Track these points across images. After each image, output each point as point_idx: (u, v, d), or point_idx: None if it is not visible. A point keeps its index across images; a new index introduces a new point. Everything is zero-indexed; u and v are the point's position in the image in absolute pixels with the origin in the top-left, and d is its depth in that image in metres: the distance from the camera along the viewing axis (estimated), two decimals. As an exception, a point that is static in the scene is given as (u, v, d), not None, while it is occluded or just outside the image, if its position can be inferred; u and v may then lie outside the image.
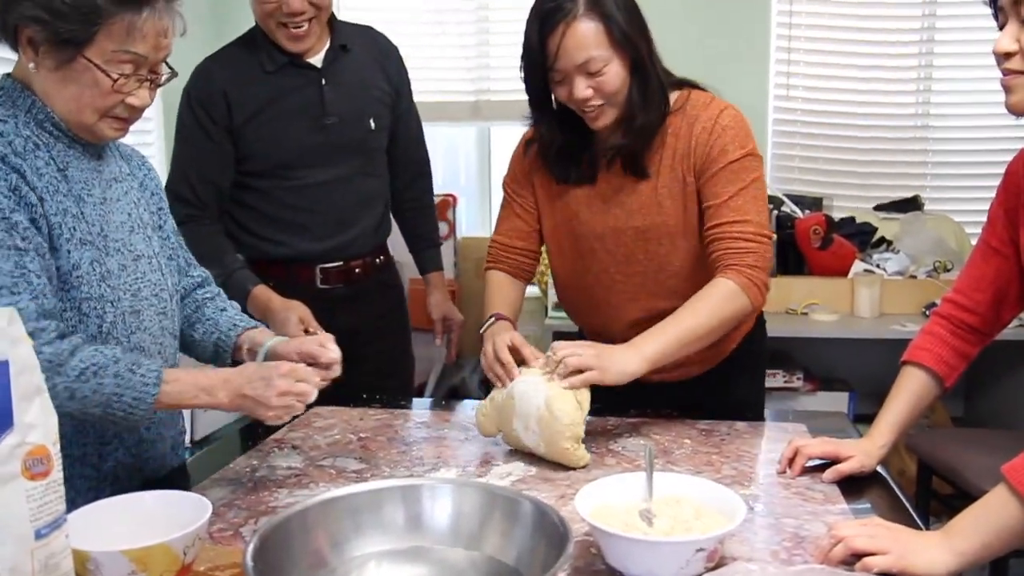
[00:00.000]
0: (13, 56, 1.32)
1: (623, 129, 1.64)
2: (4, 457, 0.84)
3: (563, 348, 1.52)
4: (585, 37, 1.54)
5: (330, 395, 1.51)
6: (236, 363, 1.55)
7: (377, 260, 2.31)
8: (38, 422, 0.87)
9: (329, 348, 1.45)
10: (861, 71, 3.88)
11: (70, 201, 1.32)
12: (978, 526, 1.11)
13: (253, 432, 1.69)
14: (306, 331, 1.89)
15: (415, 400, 2.05)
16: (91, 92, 1.28)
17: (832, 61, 3.91)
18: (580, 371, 1.48)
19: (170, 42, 1.32)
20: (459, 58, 3.94)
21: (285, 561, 1.02)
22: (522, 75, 1.65)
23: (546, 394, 1.47)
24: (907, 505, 1.35)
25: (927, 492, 2.83)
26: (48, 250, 1.28)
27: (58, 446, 0.89)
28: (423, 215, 2.48)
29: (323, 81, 2.14)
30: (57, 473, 0.89)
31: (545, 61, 1.57)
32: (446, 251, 2.49)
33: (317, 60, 2.15)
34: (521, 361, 1.58)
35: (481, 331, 1.71)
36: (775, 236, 3.42)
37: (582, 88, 1.57)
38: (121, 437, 1.42)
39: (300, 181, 2.14)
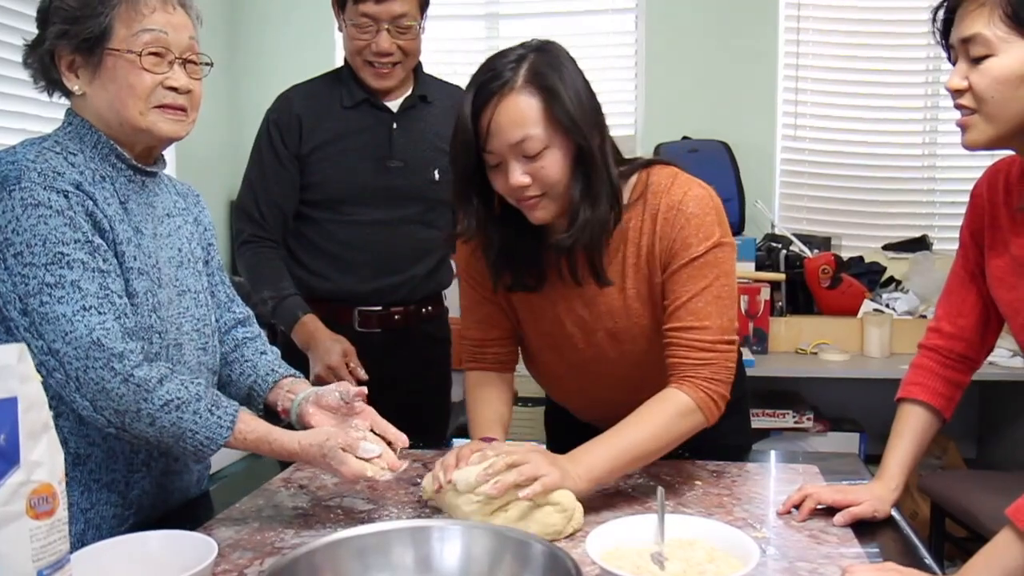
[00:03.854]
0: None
1: (567, 227, 1.45)
2: (9, 495, 0.83)
3: (504, 453, 1.34)
4: (521, 112, 1.36)
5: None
6: (268, 409, 1.57)
7: (423, 310, 2.28)
8: (44, 460, 0.86)
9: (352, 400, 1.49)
10: (868, 111, 3.92)
11: (131, 232, 1.38)
12: (990, 569, 1.10)
13: (260, 471, 1.67)
14: (347, 365, 1.96)
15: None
16: (128, 82, 1.34)
17: (839, 102, 3.95)
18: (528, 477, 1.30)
19: (184, 19, 1.38)
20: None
21: (291, 603, 1.01)
22: (451, 158, 1.47)
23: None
24: (921, 548, 1.33)
25: (941, 535, 2.79)
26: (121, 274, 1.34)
27: (63, 485, 0.89)
28: None
29: (394, 125, 2.18)
30: (62, 512, 0.88)
31: (477, 141, 1.39)
32: (454, 290, 2.47)
33: (394, 104, 2.20)
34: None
35: None
36: (782, 276, 3.42)
37: (518, 174, 1.38)
38: (149, 466, 1.45)
39: (354, 218, 2.17)
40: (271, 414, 1.57)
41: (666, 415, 1.44)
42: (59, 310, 1.24)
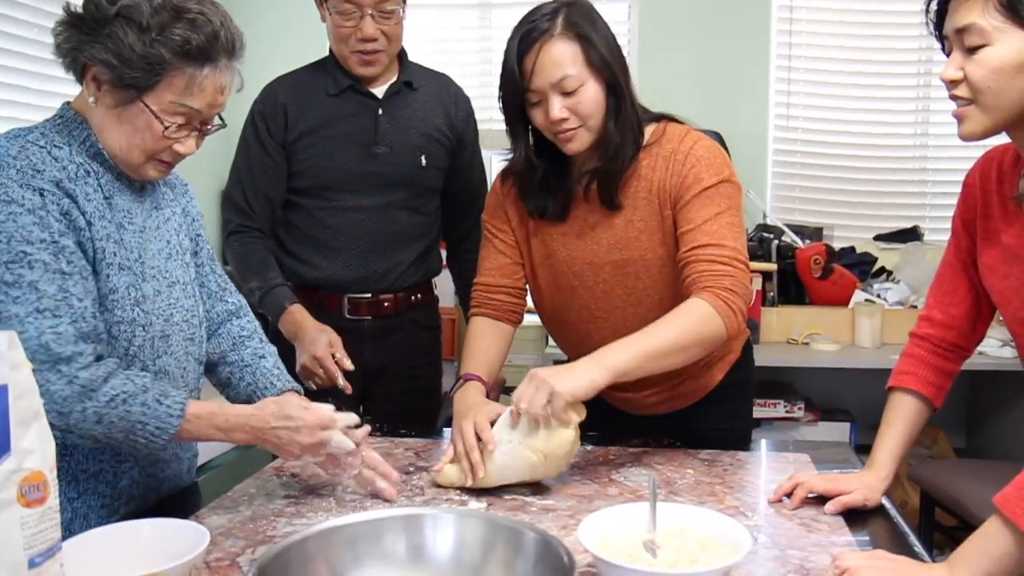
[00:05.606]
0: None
1: (597, 153, 1.61)
2: (0, 483, 0.82)
3: (519, 399, 1.43)
4: (561, 55, 1.53)
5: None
6: None
7: (413, 298, 2.27)
8: (35, 447, 0.86)
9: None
10: (860, 102, 3.91)
11: (113, 227, 1.36)
12: (978, 556, 1.11)
13: (252, 459, 1.67)
14: (333, 355, 1.95)
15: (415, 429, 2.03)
16: (142, 135, 1.33)
17: (831, 92, 3.95)
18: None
19: (225, 98, 1.37)
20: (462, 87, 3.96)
21: (283, 591, 1.01)
22: (499, 100, 1.63)
23: (530, 450, 1.44)
24: (911, 536, 1.33)
25: (930, 524, 2.81)
26: (91, 273, 1.32)
27: (55, 472, 0.88)
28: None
29: (380, 111, 2.18)
30: (53, 500, 0.88)
31: (522, 81, 1.55)
32: (446, 279, 2.47)
33: (379, 91, 2.19)
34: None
35: (451, 392, 1.66)
36: (774, 267, 3.42)
37: (557, 108, 1.54)
38: (136, 456, 1.43)
39: (340, 204, 2.17)
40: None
41: (686, 317, 1.50)
42: (12, 310, 1.23)
